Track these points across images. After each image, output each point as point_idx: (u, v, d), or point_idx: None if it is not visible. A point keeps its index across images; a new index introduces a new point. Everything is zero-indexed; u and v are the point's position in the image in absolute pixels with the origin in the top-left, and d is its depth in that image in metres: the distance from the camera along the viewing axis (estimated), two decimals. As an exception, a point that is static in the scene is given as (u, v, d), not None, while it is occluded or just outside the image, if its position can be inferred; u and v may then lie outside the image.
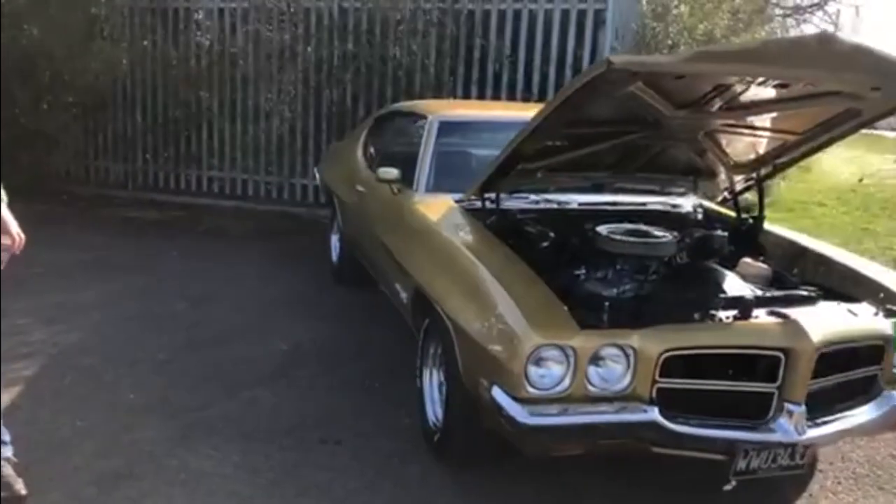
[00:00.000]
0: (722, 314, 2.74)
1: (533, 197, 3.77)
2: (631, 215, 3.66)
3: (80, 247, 6.49)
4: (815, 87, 2.77)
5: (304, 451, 3.24)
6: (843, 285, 3.22)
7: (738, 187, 3.79)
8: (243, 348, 4.34)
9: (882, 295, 3.01)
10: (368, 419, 3.55)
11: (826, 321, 2.71)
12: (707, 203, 4.04)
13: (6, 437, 2.86)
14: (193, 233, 7.30)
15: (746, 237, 3.67)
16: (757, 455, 2.62)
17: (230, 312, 4.96)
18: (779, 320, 2.65)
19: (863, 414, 2.77)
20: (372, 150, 5.07)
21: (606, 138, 3.23)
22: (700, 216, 3.95)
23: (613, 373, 2.56)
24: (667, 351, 2.54)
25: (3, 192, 2.79)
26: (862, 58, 2.51)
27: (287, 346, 4.40)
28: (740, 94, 2.89)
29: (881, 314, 2.91)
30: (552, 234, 3.40)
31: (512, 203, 3.68)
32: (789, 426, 2.59)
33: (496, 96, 7.20)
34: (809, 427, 2.63)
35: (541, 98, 6.84)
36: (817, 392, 2.70)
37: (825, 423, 2.69)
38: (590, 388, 2.55)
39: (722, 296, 2.88)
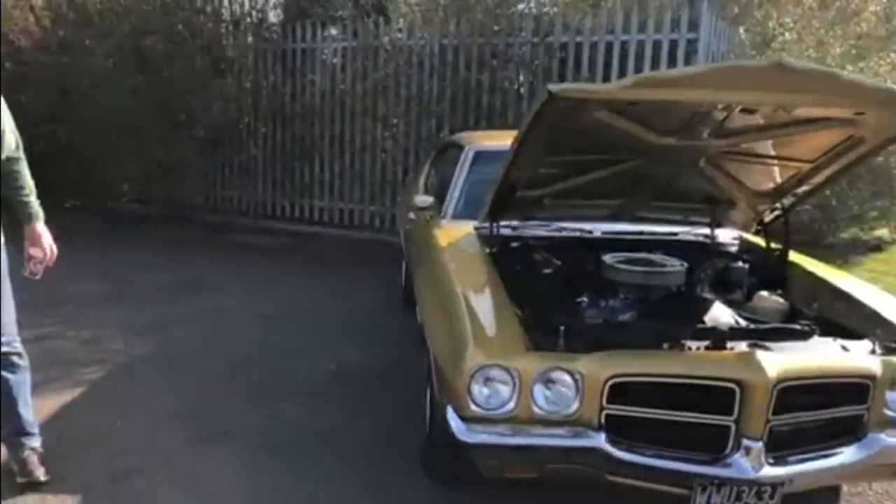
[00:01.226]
0: (693, 343, 2.69)
1: (557, 224, 3.81)
2: (648, 244, 3.64)
3: (187, 268, 7.08)
4: (790, 114, 2.68)
5: (308, 462, 3.40)
6: (857, 321, 3.04)
7: (767, 218, 3.65)
8: (293, 365, 4.58)
9: (878, 331, 2.82)
10: (382, 437, 3.67)
11: (792, 355, 2.58)
12: (745, 234, 3.92)
13: (34, 429, 3.22)
14: (294, 258, 7.74)
15: (770, 270, 3.54)
16: (717, 491, 2.52)
17: (295, 333, 5.24)
18: (734, 352, 2.56)
19: (843, 455, 2.60)
20: (430, 179, 5.25)
21: (602, 166, 3.23)
22: (734, 247, 3.84)
23: (561, 396, 2.55)
24: (613, 377, 2.51)
25: (40, 210, 3.14)
26: (818, 82, 2.44)
27: (334, 366, 4.60)
28: (724, 120, 2.83)
29: (879, 352, 2.74)
30: (553, 261, 3.44)
31: (530, 231, 3.74)
32: (745, 462, 2.49)
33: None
34: (774, 465, 2.51)
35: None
36: (787, 429, 2.58)
37: (794, 462, 2.55)
38: (536, 410, 2.56)
39: (700, 326, 2.81)
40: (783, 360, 2.52)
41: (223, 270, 7.11)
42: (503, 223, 3.67)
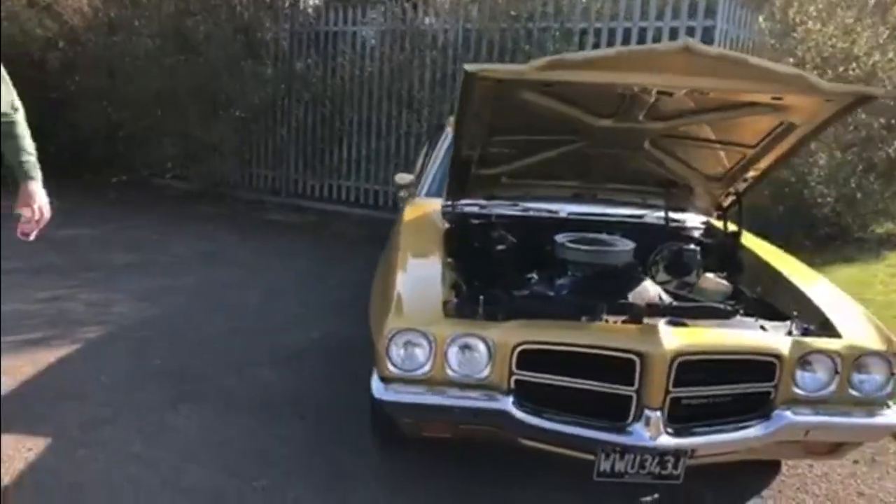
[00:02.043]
0: (612, 318, 2.78)
1: (524, 205, 3.91)
2: (609, 226, 3.72)
3: (211, 241, 7.40)
4: (714, 98, 2.76)
5: (267, 422, 3.60)
6: (790, 304, 3.09)
7: (726, 202, 3.70)
8: (283, 334, 4.80)
9: (796, 313, 2.88)
10: (344, 402, 3.85)
11: (695, 331, 2.67)
12: (709, 219, 3.96)
13: None
14: (315, 236, 7.99)
15: (724, 253, 3.61)
16: (621, 458, 2.63)
17: (293, 305, 5.46)
18: (636, 325, 2.66)
19: (746, 430, 2.67)
20: (427, 159, 5.39)
21: (550, 147, 3.33)
22: (696, 231, 3.89)
23: (474, 361, 2.69)
24: (521, 344, 2.64)
25: (36, 170, 3.22)
26: (727, 66, 2.51)
27: (318, 335, 4.81)
28: (655, 103, 2.90)
29: (795, 332, 2.79)
30: (508, 238, 3.58)
31: (497, 209, 3.86)
32: (643, 431, 2.59)
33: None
34: (674, 435, 2.60)
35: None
36: (695, 402, 2.67)
37: (696, 433, 2.64)
38: (450, 373, 2.69)
39: (622, 301, 2.90)
40: (684, 335, 2.61)
41: (244, 245, 7.41)
42: (471, 201, 3.81)
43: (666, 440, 2.58)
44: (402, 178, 4.39)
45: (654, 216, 3.92)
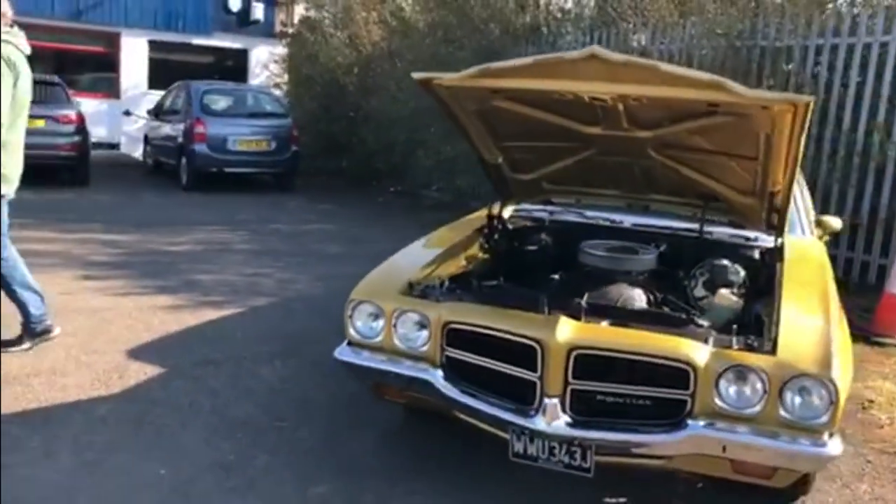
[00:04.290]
0: (557, 312, 2.94)
1: (589, 213, 4.08)
2: (654, 237, 3.78)
3: (394, 239, 8.21)
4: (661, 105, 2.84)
5: (328, 378, 4.15)
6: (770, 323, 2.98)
7: (773, 219, 3.55)
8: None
9: (735, 327, 2.81)
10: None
11: (595, 327, 2.76)
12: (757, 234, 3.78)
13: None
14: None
15: (756, 269, 3.50)
16: (531, 441, 2.79)
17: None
18: (542, 315, 2.82)
19: (653, 434, 2.68)
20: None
21: (566, 153, 3.51)
22: (747, 249, 3.75)
23: (415, 335, 3.05)
24: (449, 323, 2.94)
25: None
26: (636, 72, 2.62)
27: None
28: (627, 111, 3.00)
29: (736, 346, 2.73)
30: (544, 241, 3.84)
31: (558, 215, 4.10)
32: (539, 416, 2.74)
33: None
34: (571, 425, 2.72)
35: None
36: (608, 399, 2.76)
37: (595, 427, 2.72)
38: (397, 343, 3.08)
39: (576, 300, 3.02)
40: (582, 329, 2.72)
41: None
42: (537, 206, 4.12)
43: (560, 428, 2.70)
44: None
45: (713, 231, 3.85)
